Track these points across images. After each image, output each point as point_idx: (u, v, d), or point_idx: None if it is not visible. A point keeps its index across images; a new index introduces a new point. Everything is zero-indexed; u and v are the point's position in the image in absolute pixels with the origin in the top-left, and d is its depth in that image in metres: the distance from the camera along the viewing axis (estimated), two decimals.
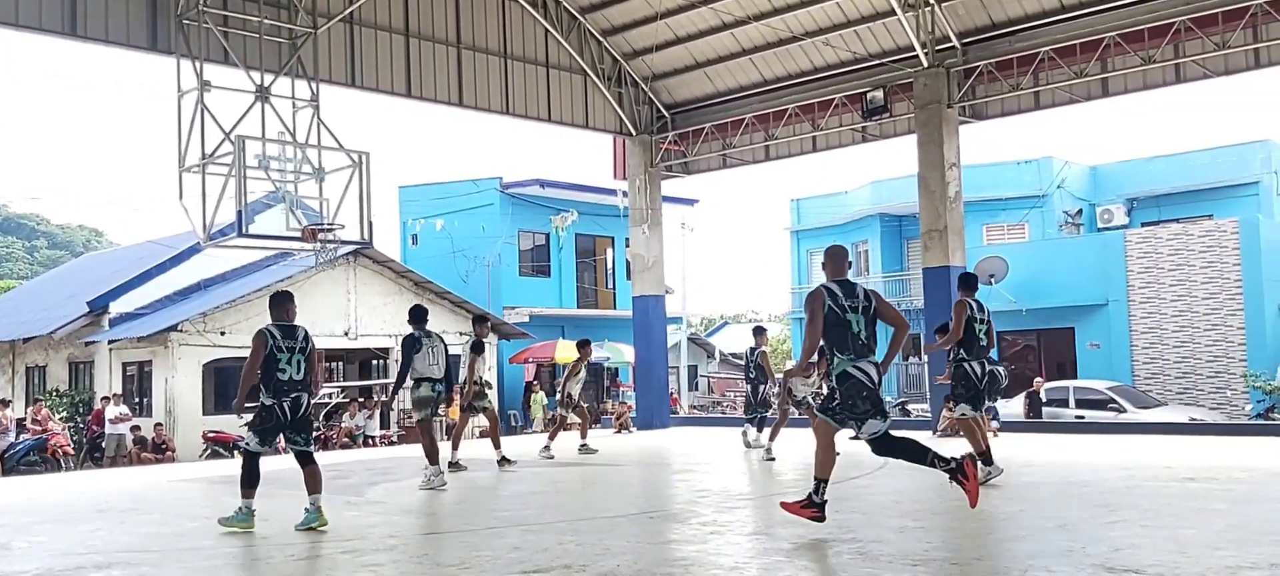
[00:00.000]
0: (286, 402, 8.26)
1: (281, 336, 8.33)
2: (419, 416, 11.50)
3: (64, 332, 25.85)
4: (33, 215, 69.17)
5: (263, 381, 8.23)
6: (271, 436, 8.40)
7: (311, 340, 8.55)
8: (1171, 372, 26.23)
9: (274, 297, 8.73)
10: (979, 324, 9.63)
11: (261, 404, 8.30)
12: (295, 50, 16.15)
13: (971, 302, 9.68)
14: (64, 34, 14.56)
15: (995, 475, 9.63)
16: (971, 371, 9.64)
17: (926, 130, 17.42)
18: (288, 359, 8.27)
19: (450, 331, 27.66)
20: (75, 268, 40.43)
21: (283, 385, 8.22)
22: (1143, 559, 6.05)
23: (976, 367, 9.63)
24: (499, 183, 32.76)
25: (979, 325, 9.62)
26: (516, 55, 19.46)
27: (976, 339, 9.59)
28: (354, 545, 7.58)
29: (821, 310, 7.22)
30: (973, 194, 24.25)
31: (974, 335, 9.58)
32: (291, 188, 15.76)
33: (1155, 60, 15.87)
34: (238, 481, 8.37)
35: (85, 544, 8.09)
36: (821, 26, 18.53)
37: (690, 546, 7.09)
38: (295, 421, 8.36)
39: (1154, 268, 26.74)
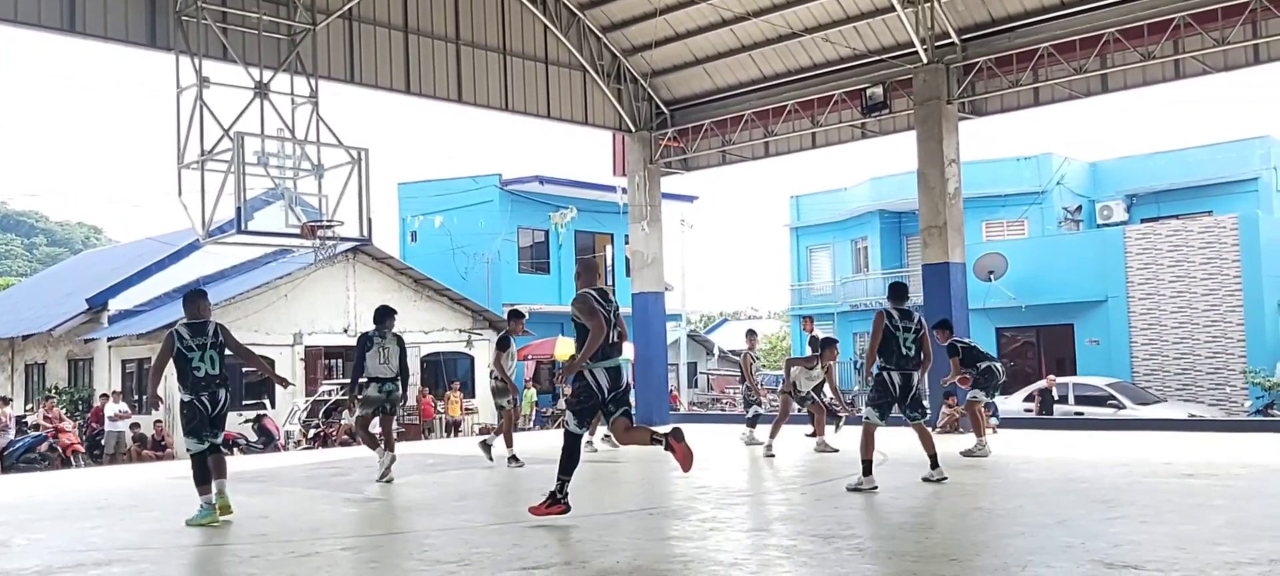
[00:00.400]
0: (205, 397, 8.49)
1: (190, 334, 8.51)
2: (359, 413, 11.53)
3: (63, 330, 25.86)
4: (32, 212, 69.16)
5: (180, 380, 8.48)
6: (201, 431, 8.57)
7: (223, 334, 8.69)
8: (1171, 369, 26.24)
9: (186, 296, 8.98)
10: (902, 332, 9.46)
11: (181, 401, 8.59)
12: (294, 46, 16.13)
13: (894, 312, 9.54)
14: (62, 30, 14.54)
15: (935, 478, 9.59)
16: (888, 380, 9.52)
17: (926, 126, 17.41)
18: (199, 356, 8.47)
19: (449, 328, 27.73)
20: (74, 265, 40.45)
21: (199, 381, 8.45)
22: (1142, 555, 6.05)
23: (895, 377, 9.48)
24: (498, 179, 32.76)
25: (902, 334, 9.46)
26: (515, 51, 19.45)
27: (897, 349, 9.45)
28: (354, 541, 7.58)
29: None
30: (972, 190, 24.24)
31: (893, 345, 9.45)
32: (290, 184, 15.74)
33: (1155, 56, 15.86)
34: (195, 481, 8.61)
35: (85, 541, 8.08)
36: (821, 22, 18.51)
37: (689, 543, 7.09)
38: (216, 417, 8.59)
39: (1153, 264, 26.74)
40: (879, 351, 9.52)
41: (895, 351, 9.46)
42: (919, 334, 9.57)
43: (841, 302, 36.51)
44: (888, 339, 9.45)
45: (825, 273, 38.03)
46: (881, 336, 9.47)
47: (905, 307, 9.63)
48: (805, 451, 13.58)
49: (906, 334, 9.48)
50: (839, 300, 36.58)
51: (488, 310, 29.02)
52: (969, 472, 10.78)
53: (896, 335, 9.45)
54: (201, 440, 8.53)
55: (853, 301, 36.04)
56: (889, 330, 9.45)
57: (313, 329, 25.12)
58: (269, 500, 10.56)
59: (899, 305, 9.61)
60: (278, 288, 24.43)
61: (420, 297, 27.20)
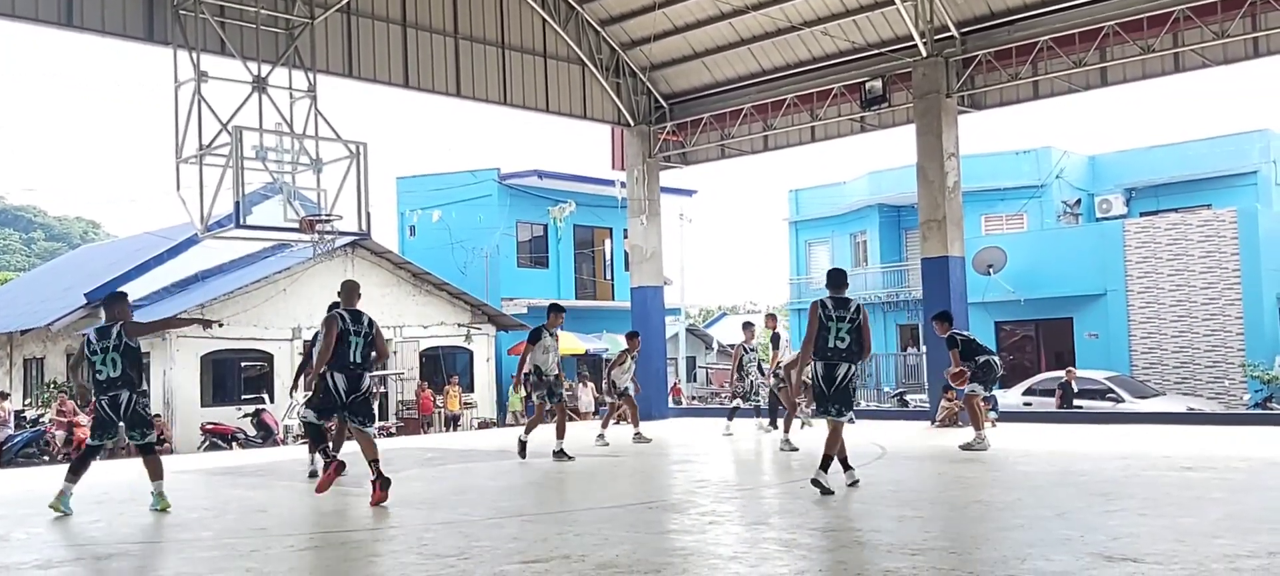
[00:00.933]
0: (105, 400, 8.87)
1: (96, 338, 8.93)
2: None
3: (61, 324, 25.80)
4: (30, 207, 69.08)
5: (91, 383, 8.96)
6: (99, 431, 9.08)
7: (125, 338, 8.94)
8: (1170, 362, 26.25)
9: (105, 300, 9.45)
10: (835, 323, 8.87)
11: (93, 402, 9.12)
12: (292, 40, 16.11)
13: (828, 302, 9.01)
14: (60, 25, 14.52)
15: (850, 481, 9.08)
16: (816, 373, 8.99)
17: (925, 120, 17.40)
18: (101, 360, 8.86)
19: (448, 322, 27.70)
20: (73, 259, 40.39)
21: (101, 385, 8.87)
22: (1141, 547, 6.05)
23: (818, 368, 8.93)
24: (497, 173, 32.72)
25: (834, 325, 8.87)
26: (514, 45, 19.42)
27: (826, 340, 8.88)
28: (353, 535, 7.58)
29: None
30: (971, 184, 24.24)
31: (824, 336, 8.88)
32: (289, 179, 15.73)
33: (1154, 49, 15.86)
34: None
35: (85, 535, 8.08)
36: (820, 16, 18.49)
37: (689, 536, 7.09)
38: (124, 417, 8.94)
39: (1152, 258, 26.74)
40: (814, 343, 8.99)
41: (825, 342, 8.91)
42: (856, 324, 8.98)
43: None
44: (820, 330, 8.91)
45: (824, 266, 37.97)
46: (815, 327, 8.95)
47: (843, 297, 9.11)
48: (799, 441, 13.58)
49: (840, 324, 8.90)
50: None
51: (486, 304, 28.99)
52: (968, 466, 10.79)
53: (828, 326, 8.89)
54: (93, 437, 9.17)
55: (851, 295, 36.01)
56: (822, 320, 8.91)
57: (311, 323, 24.97)
58: (268, 494, 10.56)
59: (836, 294, 9.11)
60: (276, 282, 24.40)
61: (419, 292, 27.17)
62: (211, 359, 23.61)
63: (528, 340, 12.67)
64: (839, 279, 9.26)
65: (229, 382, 24.10)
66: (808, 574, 5.85)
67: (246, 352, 24.32)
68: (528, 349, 12.58)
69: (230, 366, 24.24)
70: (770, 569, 5.95)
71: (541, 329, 12.60)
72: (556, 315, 12.78)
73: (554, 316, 12.74)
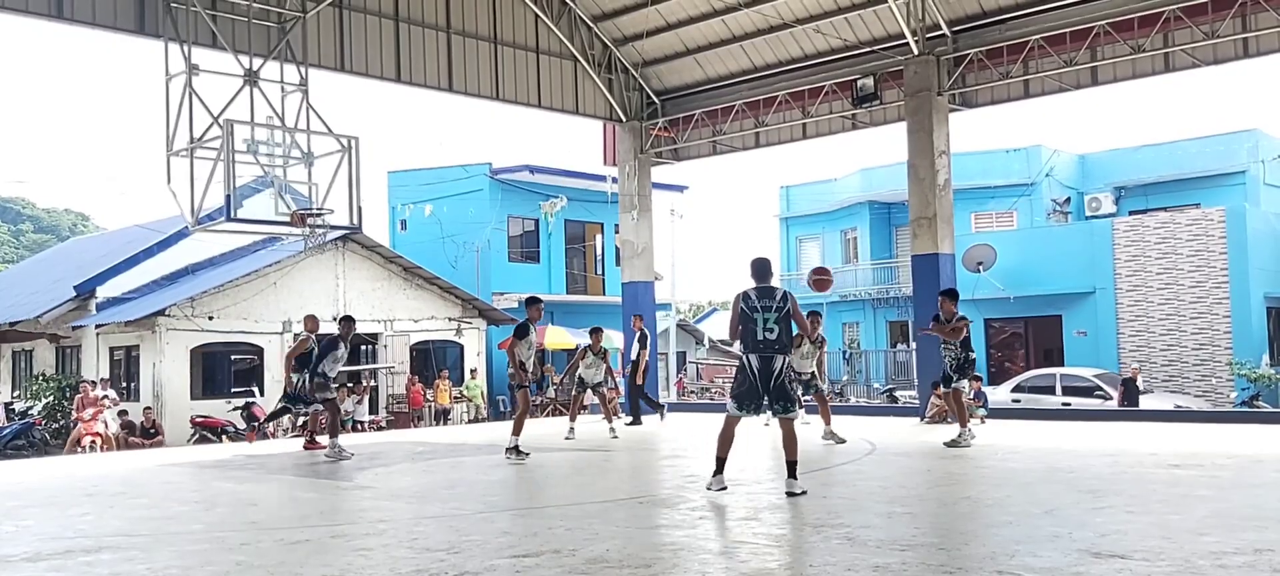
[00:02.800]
0: None
1: None
2: None
3: (51, 317, 25.72)
4: (18, 199, 68.75)
5: None
6: None
7: None
8: (1158, 360, 26.39)
9: None
10: (761, 314, 8.45)
11: None
12: (284, 34, 16.07)
13: (751, 293, 8.59)
14: (50, 16, 14.45)
15: (715, 488, 8.65)
16: (747, 366, 8.51)
17: (916, 118, 17.44)
18: None
19: (438, 317, 27.69)
20: (62, 251, 40.21)
21: None
22: (1129, 544, 6.10)
23: (753, 361, 8.46)
24: (488, 168, 32.70)
25: (760, 315, 8.44)
26: (506, 41, 19.41)
27: (754, 332, 8.47)
28: (344, 529, 7.59)
29: None
30: (962, 182, 24.31)
31: (751, 328, 8.48)
32: (280, 172, 15.71)
33: (1144, 49, 15.92)
34: None
35: (74, 527, 8.07)
36: (812, 13, 18.52)
37: (679, 531, 7.11)
38: None
39: (1141, 256, 26.87)
40: (740, 336, 8.61)
41: (752, 334, 8.48)
42: (783, 312, 8.53)
43: (831, 292, 36.56)
44: (744, 321, 8.51)
45: (815, 263, 38.10)
46: (737, 320, 8.59)
47: (767, 286, 8.69)
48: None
49: (767, 315, 8.45)
50: (828, 291, 36.62)
51: (477, 299, 28.99)
52: (957, 462, 10.83)
53: (754, 317, 8.47)
54: None
55: (842, 292, 36.12)
56: (745, 312, 8.51)
57: (301, 317, 25.06)
58: (258, 487, 10.56)
59: (760, 283, 8.68)
60: (266, 276, 24.35)
61: (410, 286, 27.15)
62: (201, 352, 23.56)
63: (515, 335, 12.56)
64: (762, 268, 8.80)
65: (219, 375, 24.06)
66: (797, 569, 5.89)
67: (237, 346, 24.27)
68: (515, 343, 12.49)
69: (220, 359, 24.18)
70: (760, 564, 5.98)
71: (526, 324, 12.55)
72: (537, 308, 12.87)
73: (535, 310, 12.80)
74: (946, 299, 12.92)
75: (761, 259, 8.89)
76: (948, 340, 12.71)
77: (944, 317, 12.72)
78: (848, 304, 35.95)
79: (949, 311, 12.72)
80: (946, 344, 12.72)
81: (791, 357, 9.28)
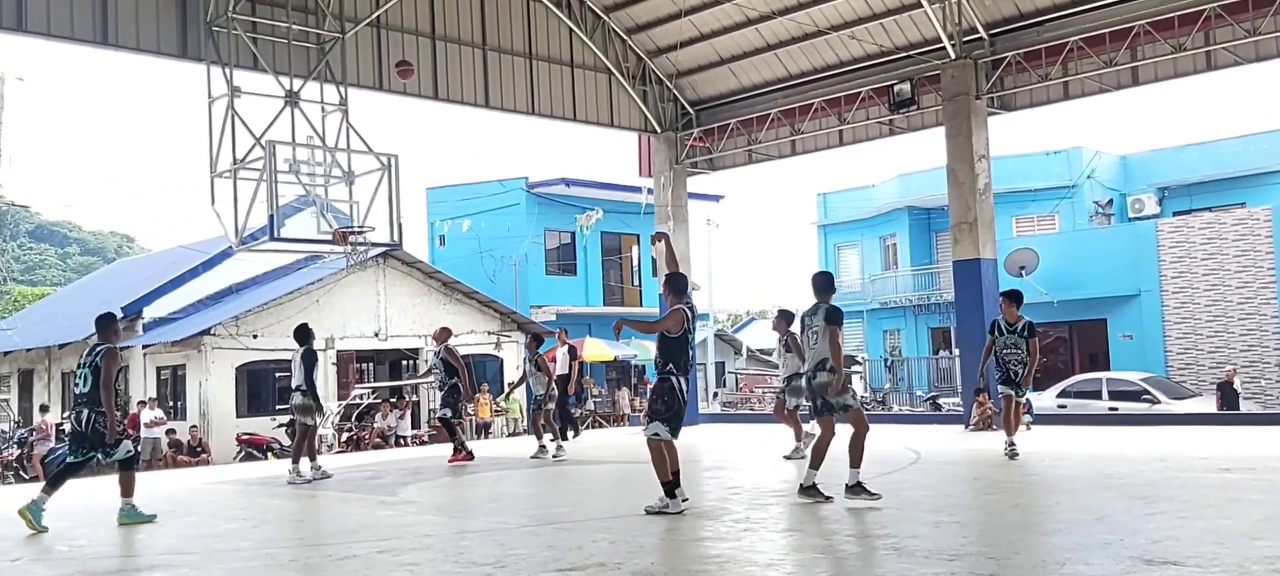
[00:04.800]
0: (73, 414, 9.41)
1: (86, 354, 9.33)
2: None
3: None
4: (65, 222, 69.99)
5: None
6: (70, 445, 9.63)
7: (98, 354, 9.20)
8: (1206, 363, 25.96)
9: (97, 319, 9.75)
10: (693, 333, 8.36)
11: None
12: (324, 55, 16.26)
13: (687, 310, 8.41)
14: (96, 43, 14.73)
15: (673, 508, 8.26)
16: (677, 387, 8.31)
17: (954, 122, 17.31)
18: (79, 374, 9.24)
19: (478, 331, 27.84)
20: (109, 273, 40.92)
21: (73, 399, 9.48)
22: (1182, 550, 6.00)
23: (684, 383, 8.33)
24: (525, 183, 32.89)
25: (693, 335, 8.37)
26: (542, 55, 19.51)
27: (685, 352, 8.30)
28: (390, 544, 7.64)
29: None
30: (1002, 185, 24.08)
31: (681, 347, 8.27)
32: (321, 191, 15.87)
33: (1185, 48, 15.71)
34: None
35: (125, 546, 8.19)
36: (847, 20, 18.45)
37: (724, 543, 7.09)
38: (77, 433, 9.28)
39: (1186, 257, 26.47)
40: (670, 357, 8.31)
41: (682, 354, 8.28)
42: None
43: (871, 300, 36.36)
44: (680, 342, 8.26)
45: (854, 270, 37.90)
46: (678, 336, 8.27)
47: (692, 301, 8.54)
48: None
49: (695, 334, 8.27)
50: (868, 298, 36.44)
51: (516, 312, 29.13)
52: (1004, 470, 10.72)
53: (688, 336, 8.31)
54: (70, 452, 9.41)
55: (882, 299, 35.89)
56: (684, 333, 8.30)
57: (344, 333, 25.29)
58: (304, 504, 10.66)
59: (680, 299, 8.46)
60: (309, 293, 24.62)
61: (449, 300, 27.33)
62: (246, 370, 23.85)
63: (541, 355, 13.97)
64: (679, 283, 8.60)
65: (264, 393, 24.33)
66: None
67: (281, 363, 24.52)
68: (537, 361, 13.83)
69: (265, 377, 24.46)
70: None
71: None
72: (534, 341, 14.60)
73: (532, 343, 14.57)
74: (1009, 302, 11.94)
75: (678, 275, 8.74)
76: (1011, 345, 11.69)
77: (1008, 323, 11.81)
78: (888, 310, 35.70)
79: (1013, 316, 11.82)
80: (1012, 348, 11.73)
81: None
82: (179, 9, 15.29)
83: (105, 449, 9.21)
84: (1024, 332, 11.76)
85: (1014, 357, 11.76)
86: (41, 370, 30.18)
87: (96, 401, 9.04)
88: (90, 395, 9.08)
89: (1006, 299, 12.03)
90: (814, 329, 8.68)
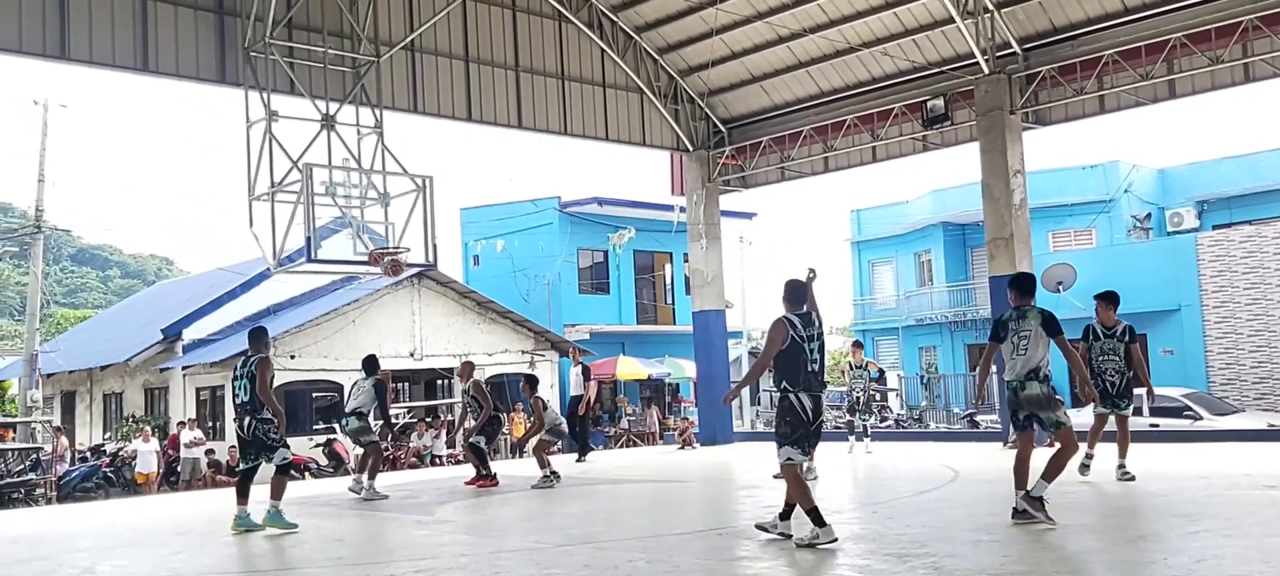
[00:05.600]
0: (235, 423, 10.05)
1: (241, 364, 9.95)
2: None
3: (139, 360, 26.52)
4: (106, 246, 71.08)
5: None
6: (239, 453, 10.28)
7: (253, 363, 9.76)
8: (1248, 378, 25.57)
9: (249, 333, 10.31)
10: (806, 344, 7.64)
11: None
12: (359, 78, 16.45)
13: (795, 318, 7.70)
14: (136, 69, 14.99)
15: (825, 538, 7.36)
16: (797, 404, 7.56)
17: (989, 137, 17.21)
18: (237, 385, 9.86)
19: (512, 350, 27.96)
20: (149, 296, 41.48)
21: (235, 409, 9.98)
22: (1226, 569, 5.91)
23: (805, 400, 7.58)
24: (557, 202, 33.03)
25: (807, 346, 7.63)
26: (573, 76, 19.62)
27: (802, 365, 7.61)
28: (427, 564, 7.67)
29: None
30: (1038, 200, 23.86)
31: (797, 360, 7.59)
32: (357, 213, 16.03)
33: (1223, 60, 15.53)
34: None
35: (166, 567, 8.28)
36: (879, 36, 18.41)
37: (760, 562, 7.06)
38: (246, 441, 9.91)
39: (1227, 271, 26.12)
40: (783, 373, 7.68)
41: (794, 368, 7.62)
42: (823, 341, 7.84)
43: (905, 317, 36.14)
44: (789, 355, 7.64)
45: (888, 287, 37.71)
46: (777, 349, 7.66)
47: (805, 311, 7.83)
48: (868, 466, 13.45)
49: (810, 344, 7.69)
50: (903, 314, 36.22)
51: (549, 331, 29.21)
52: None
53: (802, 348, 7.65)
54: (241, 460, 10.08)
55: (917, 315, 35.66)
56: (794, 342, 7.61)
57: (380, 353, 25.45)
58: (342, 523, 10.73)
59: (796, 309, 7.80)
60: (346, 314, 24.85)
61: (484, 320, 27.48)
62: (284, 390, 24.03)
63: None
64: (796, 292, 7.90)
65: (301, 413, 24.56)
66: None
67: (318, 383, 24.76)
68: None
69: (302, 397, 24.68)
70: None
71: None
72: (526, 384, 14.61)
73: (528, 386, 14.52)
74: (1105, 304, 11.01)
75: (795, 280, 7.97)
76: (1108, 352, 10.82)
77: (1105, 328, 10.92)
78: (924, 327, 35.47)
79: (1110, 321, 10.90)
80: (1108, 354, 10.89)
81: None
82: (217, 35, 15.53)
83: (267, 452, 9.69)
84: (1124, 338, 10.85)
85: (1111, 366, 10.83)
86: (83, 392, 30.64)
87: (256, 408, 9.61)
88: (249, 403, 9.63)
89: (1102, 301, 11.10)
90: (1022, 334, 8.10)
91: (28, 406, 26.97)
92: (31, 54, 14.15)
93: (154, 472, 21.69)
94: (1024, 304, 8.30)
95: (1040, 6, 16.83)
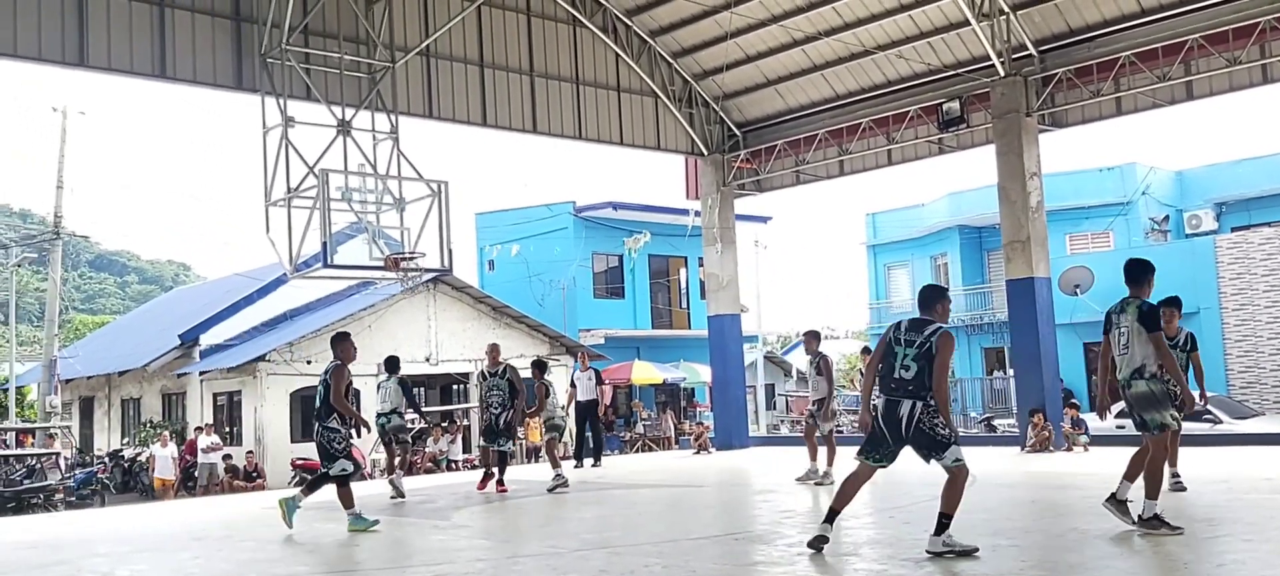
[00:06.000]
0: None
1: (323, 371, 10.06)
2: None
3: (157, 365, 26.66)
4: (124, 252, 71.57)
5: None
6: None
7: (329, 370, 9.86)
8: (1268, 381, 25.36)
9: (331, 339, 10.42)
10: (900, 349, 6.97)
11: None
12: (375, 84, 16.51)
13: (901, 323, 7.16)
14: (154, 76, 15.08)
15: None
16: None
17: (1005, 140, 17.14)
18: (318, 391, 9.91)
19: (527, 354, 27.95)
20: (166, 302, 41.71)
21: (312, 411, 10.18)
22: (1248, 574, 5.86)
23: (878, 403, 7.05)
24: (572, 207, 33.05)
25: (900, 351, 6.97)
26: (588, 81, 19.64)
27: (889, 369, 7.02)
28: (444, 569, 7.67)
29: None
30: (1055, 203, 23.74)
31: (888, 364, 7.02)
32: (373, 218, 16.09)
33: (1241, 61, 15.44)
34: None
35: (184, 572, 8.31)
36: (894, 39, 18.36)
37: (777, 568, 7.04)
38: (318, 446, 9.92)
39: (1246, 273, 25.92)
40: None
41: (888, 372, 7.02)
42: (925, 349, 6.88)
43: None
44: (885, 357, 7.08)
45: (904, 290, 37.54)
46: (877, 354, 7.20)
47: (920, 317, 7.20)
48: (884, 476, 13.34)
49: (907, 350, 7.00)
50: None
51: (564, 336, 29.22)
52: (1061, 492, 10.55)
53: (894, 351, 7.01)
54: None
55: None
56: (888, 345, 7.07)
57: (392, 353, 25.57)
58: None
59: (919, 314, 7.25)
60: (361, 319, 24.91)
61: (498, 325, 27.50)
62: (300, 395, 24.14)
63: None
64: (926, 297, 7.33)
65: None
66: None
67: None
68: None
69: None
70: None
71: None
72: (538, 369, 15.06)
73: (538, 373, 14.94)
74: (1173, 311, 10.45)
75: (930, 286, 7.49)
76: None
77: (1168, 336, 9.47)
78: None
79: (1173, 330, 10.36)
80: None
81: None
82: (234, 42, 15.61)
83: (327, 460, 9.73)
84: (1186, 347, 10.46)
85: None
86: (102, 397, 30.81)
87: (325, 415, 9.62)
88: (321, 410, 9.67)
89: (1169, 307, 10.32)
90: (1122, 329, 7.59)
91: (46, 412, 27.15)
92: (51, 61, 14.25)
93: (172, 478, 21.79)
94: (1134, 294, 7.68)
95: (1056, 8, 16.76)
